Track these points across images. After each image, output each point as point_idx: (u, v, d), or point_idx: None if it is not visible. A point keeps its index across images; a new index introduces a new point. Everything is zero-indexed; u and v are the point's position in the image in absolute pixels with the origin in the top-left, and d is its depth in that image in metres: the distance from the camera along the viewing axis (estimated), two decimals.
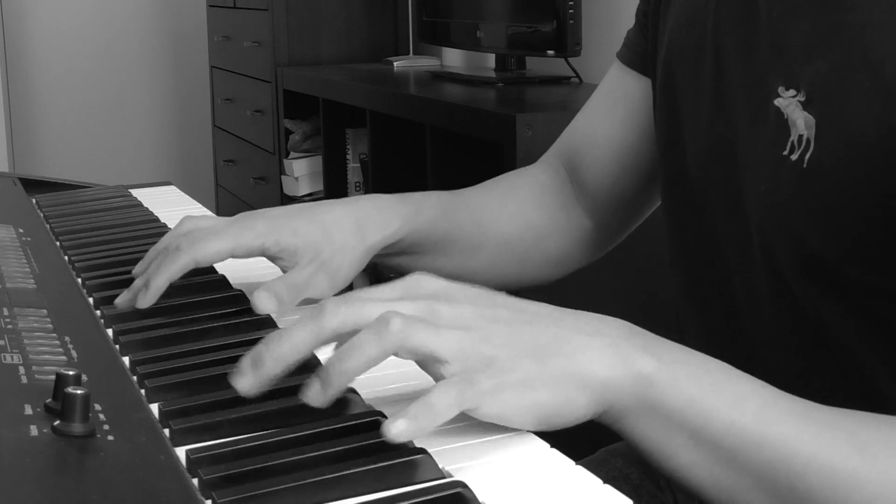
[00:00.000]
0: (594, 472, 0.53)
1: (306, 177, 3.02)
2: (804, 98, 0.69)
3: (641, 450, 0.59)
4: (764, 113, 0.73)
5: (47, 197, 1.21)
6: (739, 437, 0.57)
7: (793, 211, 0.70)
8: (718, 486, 0.58)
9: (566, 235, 0.99)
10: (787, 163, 0.70)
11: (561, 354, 0.57)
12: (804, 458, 0.56)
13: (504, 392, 0.56)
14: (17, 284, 0.80)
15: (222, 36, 3.59)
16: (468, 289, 0.61)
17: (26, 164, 4.01)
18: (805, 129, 0.69)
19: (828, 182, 0.68)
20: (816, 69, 0.69)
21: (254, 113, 3.29)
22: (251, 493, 0.50)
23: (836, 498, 0.55)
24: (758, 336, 0.77)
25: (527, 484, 0.53)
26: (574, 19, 2.18)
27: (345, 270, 0.85)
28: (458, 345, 0.56)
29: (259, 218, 0.83)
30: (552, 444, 0.57)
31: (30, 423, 0.53)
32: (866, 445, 0.56)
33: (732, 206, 0.77)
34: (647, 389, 0.58)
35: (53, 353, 0.65)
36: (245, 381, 0.57)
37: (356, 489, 0.51)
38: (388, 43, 3.26)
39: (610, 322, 0.61)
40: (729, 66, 0.77)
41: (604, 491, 0.52)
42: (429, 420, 0.53)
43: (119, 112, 4.11)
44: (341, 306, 0.57)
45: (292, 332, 0.56)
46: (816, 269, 0.70)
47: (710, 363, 0.60)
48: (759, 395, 0.58)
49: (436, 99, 2.22)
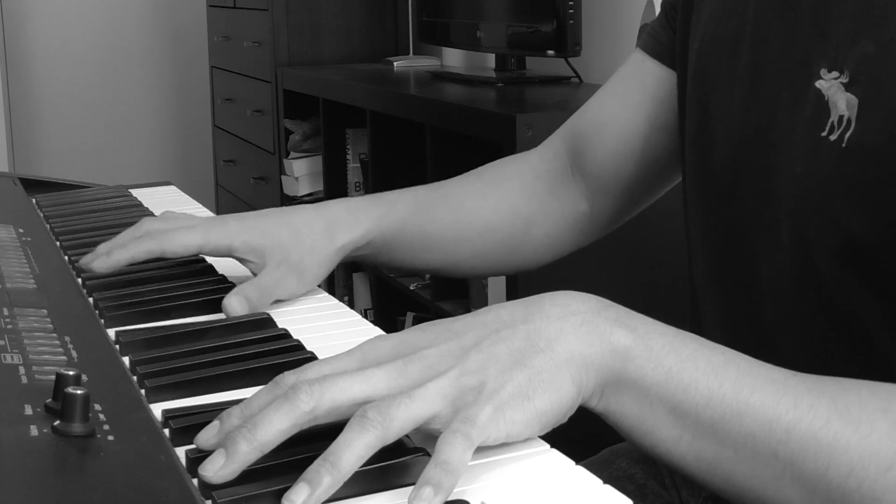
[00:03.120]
0: (598, 472, 0.53)
1: (306, 177, 3.02)
2: (847, 80, 0.69)
3: (622, 427, 0.59)
4: (804, 96, 0.72)
5: (47, 197, 1.21)
6: (720, 408, 0.56)
7: (830, 192, 0.69)
8: (700, 459, 0.57)
9: (556, 221, 1.00)
10: (825, 143, 0.69)
11: (539, 350, 0.56)
12: (785, 425, 0.55)
13: (504, 412, 0.54)
14: (17, 284, 0.80)
15: (222, 36, 3.59)
16: (424, 331, 0.59)
17: (26, 164, 4.01)
18: (846, 109, 0.68)
19: (867, 162, 0.67)
20: (862, 50, 0.68)
21: (254, 113, 3.29)
22: (251, 493, 0.50)
23: (818, 464, 0.55)
24: (778, 323, 0.76)
25: (527, 484, 0.53)
26: (574, 19, 2.18)
27: (314, 271, 0.87)
28: (438, 394, 0.54)
29: (231, 219, 0.86)
30: (553, 444, 0.57)
31: (30, 424, 0.53)
32: (847, 410, 0.56)
33: (763, 193, 0.76)
34: (624, 363, 0.57)
35: (53, 353, 0.65)
36: (215, 467, 0.52)
37: (356, 489, 0.51)
38: (388, 43, 3.26)
39: (578, 297, 0.60)
40: (769, 53, 0.77)
41: (604, 491, 0.52)
42: (451, 479, 0.50)
43: (119, 112, 4.11)
44: (313, 387, 0.54)
45: (268, 417, 0.53)
46: (851, 253, 0.69)
47: (684, 335, 0.59)
48: (737, 364, 0.58)
49: (436, 99, 2.22)
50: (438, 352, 0.57)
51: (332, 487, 0.50)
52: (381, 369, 0.56)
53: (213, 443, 0.54)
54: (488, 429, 0.54)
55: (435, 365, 0.56)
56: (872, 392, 0.57)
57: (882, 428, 0.55)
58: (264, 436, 0.52)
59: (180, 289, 0.84)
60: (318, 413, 0.54)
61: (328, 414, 0.54)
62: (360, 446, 0.51)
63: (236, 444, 0.52)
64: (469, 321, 0.59)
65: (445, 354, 0.57)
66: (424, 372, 0.56)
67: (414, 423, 0.53)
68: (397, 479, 0.53)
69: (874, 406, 0.56)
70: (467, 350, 0.57)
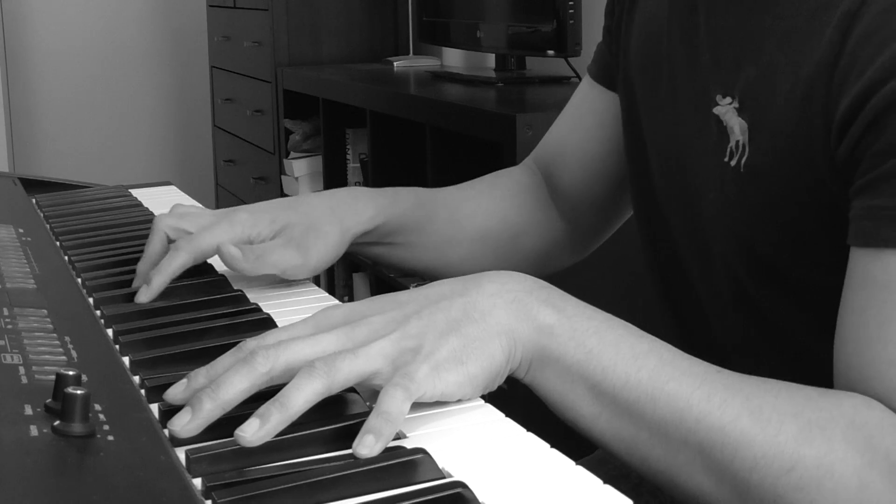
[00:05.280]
0: (594, 471, 0.54)
1: (306, 177, 3.02)
2: (738, 104, 0.73)
3: (547, 400, 0.62)
4: (707, 122, 0.76)
5: (47, 197, 1.21)
6: (635, 392, 0.60)
7: (737, 216, 0.73)
8: (618, 437, 0.61)
9: (542, 235, 1.04)
10: (727, 169, 0.73)
11: (473, 321, 0.61)
12: (695, 416, 0.58)
13: (440, 372, 0.59)
14: (17, 284, 0.80)
15: (222, 36, 3.59)
16: (372, 301, 0.65)
17: (26, 164, 4.01)
18: (740, 134, 0.72)
19: (762, 184, 0.71)
20: (747, 75, 0.72)
21: (254, 113, 3.29)
22: (251, 493, 0.50)
23: (723, 454, 0.58)
24: (727, 343, 0.80)
25: (527, 484, 0.53)
26: (574, 19, 2.18)
27: (318, 250, 0.89)
28: (380, 353, 0.60)
29: (243, 212, 0.89)
30: (552, 443, 0.57)
31: (30, 424, 0.53)
32: (759, 409, 0.58)
33: (690, 218, 0.80)
34: (548, 340, 0.61)
35: (53, 353, 0.65)
36: (182, 422, 0.57)
37: (356, 489, 0.51)
38: (388, 43, 3.26)
39: (515, 277, 0.64)
40: (679, 79, 0.81)
41: (604, 491, 0.52)
42: (391, 428, 0.56)
43: (119, 112, 4.11)
44: (269, 351, 0.59)
45: (229, 378, 0.58)
46: (767, 272, 0.73)
47: (615, 321, 0.63)
48: (659, 353, 0.61)
49: (436, 99, 2.22)
50: (383, 319, 0.62)
51: (281, 424, 0.55)
52: (331, 334, 0.61)
53: (181, 398, 0.59)
54: (425, 385, 0.58)
55: (379, 330, 0.61)
56: (790, 396, 0.60)
57: (790, 430, 0.58)
58: (226, 395, 0.57)
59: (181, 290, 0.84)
60: (275, 374, 0.59)
61: (283, 375, 0.59)
62: (307, 391, 0.56)
63: (201, 403, 0.57)
64: (413, 294, 0.64)
65: (389, 321, 0.62)
66: (369, 336, 0.61)
67: (357, 377, 0.59)
68: (397, 479, 0.53)
69: (787, 409, 0.59)
70: (409, 317, 0.62)
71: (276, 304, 0.84)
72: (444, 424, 0.60)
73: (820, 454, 0.57)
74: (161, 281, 0.82)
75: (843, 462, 0.57)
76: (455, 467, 0.54)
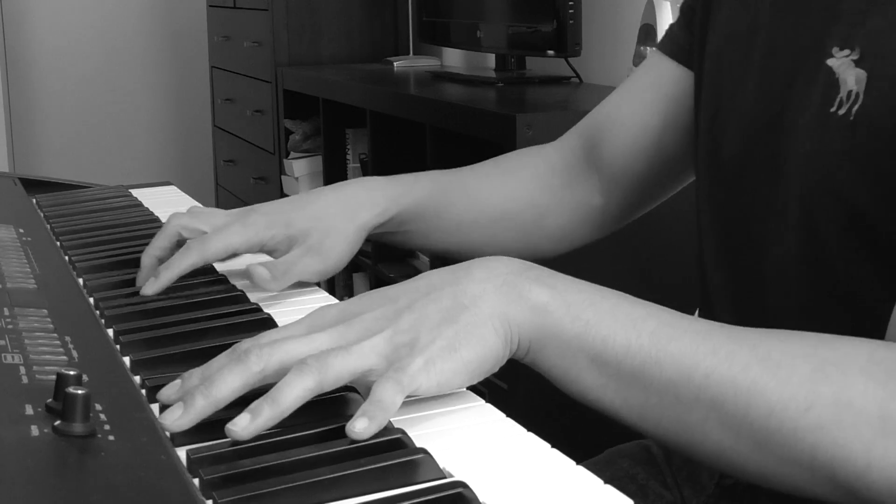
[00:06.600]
0: (600, 473, 0.54)
1: (306, 177, 3.02)
2: (858, 56, 0.71)
3: (551, 377, 0.62)
4: (815, 75, 0.74)
5: (47, 197, 1.21)
6: (639, 357, 0.59)
7: (838, 165, 0.71)
8: (628, 405, 0.60)
9: (569, 214, 1.03)
10: (833, 118, 0.71)
11: (464, 308, 0.61)
12: (703, 372, 0.58)
13: (434, 363, 0.59)
14: (18, 284, 0.80)
15: (222, 36, 3.59)
16: (365, 298, 0.65)
17: (26, 164, 4.01)
18: (855, 83, 0.70)
19: (873, 134, 0.69)
20: (873, 26, 0.70)
21: (254, 113, 3.29)
22: (251, 493, 0.50)
23: (737, 406, 0.57)
24: (785, 306, 0.77)
25: (527, 484, 0.53)
26: (574, 19, 2.18)
27: (337, 251, 0.90)
28: (373, 350, 0.60)
29: (257, 213, 0.89)
30: (553, 444, 0.57)
31: (30, 423, 0.53)
32: (767, 354, 0.57)
33: (772, 178, 0.78)
34: (543, 318, 0.61)
35: (54, 353, 0.65)
36: (173, 417, 0.57)
37: (356, 489, 0.51)
38: (388, 43, 3.26)
39: (504, 261, 0.65)
40: (783, 39, 0.79)
41: (604, 491, 0.52)
42: (383, 415, 0.57)
43: (119, 112, 4.11)
44: (263, 350, 0.60)
45: (222, 376, 0.58)
46: (856, 226, 0.71)
47: (607, 291, 0.63)
48: (657, 316, 0.61)
49: (436, 99, 2.22)
50: (375, 316, 0.63)
51: (272, 420, 0.56)
52: (324, 333, 0.62)
53: (175, 398, 0.59)
54: (418, 378, 0.59)
55: (372, 327, 0.62)
56: (801, 339, 0.59)
57: (803, 371, 0.56)
58: (218, 392, 0.58)
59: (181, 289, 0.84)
60: (268, 373, 0.59)
61: (277, 373, 0.59)
62: (298, 388, 0.57)
63: (194, 399, 0.57)
64: (403, 287, 0.65)
65: (380, 318, 0.62)
66: (362, 333, 0.61)
67: (350, 374, 0.59)
68: (398, 479, 0.53)
69: (797, 352, 0.57)
70: (400, 312, 0.62)
71: (276, 304, 0.84)
72: (445, 424, 0.60)
73: (837, 389, 0.55)
74: (169, 276, 0.83)
75: (863, 395, 0.55)
76: (456, 467, 0.54)
